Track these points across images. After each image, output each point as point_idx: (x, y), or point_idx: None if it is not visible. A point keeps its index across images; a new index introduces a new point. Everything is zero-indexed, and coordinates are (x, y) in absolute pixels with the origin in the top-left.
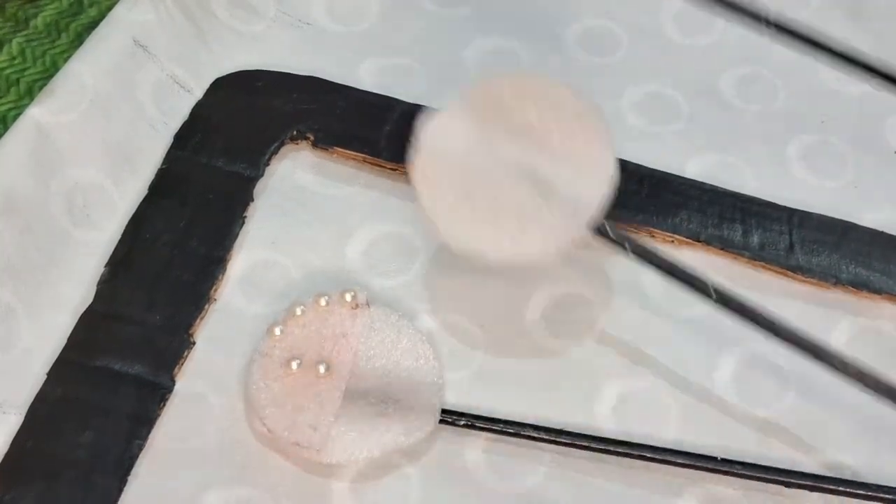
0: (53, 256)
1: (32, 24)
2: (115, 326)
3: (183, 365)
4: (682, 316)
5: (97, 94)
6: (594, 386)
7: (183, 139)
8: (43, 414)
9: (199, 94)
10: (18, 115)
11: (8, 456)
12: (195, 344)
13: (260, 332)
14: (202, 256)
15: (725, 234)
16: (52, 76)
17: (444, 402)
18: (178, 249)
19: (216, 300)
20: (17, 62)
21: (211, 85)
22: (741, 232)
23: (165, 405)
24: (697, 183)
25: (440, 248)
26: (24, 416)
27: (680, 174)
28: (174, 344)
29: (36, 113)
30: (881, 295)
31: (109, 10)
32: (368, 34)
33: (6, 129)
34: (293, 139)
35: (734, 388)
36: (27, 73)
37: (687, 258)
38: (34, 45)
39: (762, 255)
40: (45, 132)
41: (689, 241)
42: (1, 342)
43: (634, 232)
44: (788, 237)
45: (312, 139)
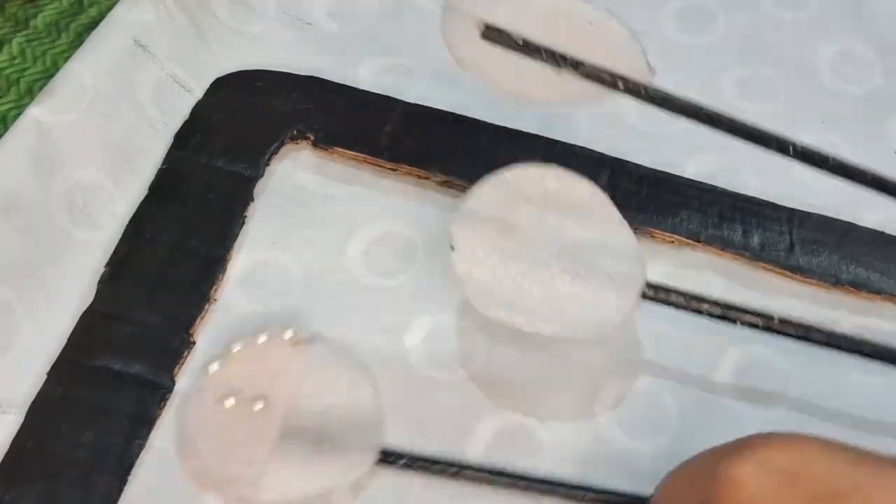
0: (53, 256)
1: (33, 23)
2: (115, 326)
3: (183, 365)
4: (681, 316)
5: (97, 93)
6: (594, 386)
7: (183, 139)
8: (43, 414)
9: (199, 93)
10: (19, 114)
11: (8, 456)
12: (195, 344)
13: (260, 332)
14: (202, 256)
15: (725, 234)
16: (52, 76)
17: (383, 442)
18: (178, 249)
19: (216, 300)
20: (17, 62)
21: (211, 85)
22: (741, 232)
23: (165, 405)
24: (697, 183)
25: (440, 248)
26: (24, 416)
27: (680, 174)
28: (174, 344)
29: (36, 113)
30: (881, 295)
31: (109, 9)
32: (368, 34)
33: (6, 128)
34: (293, 139)
35: (734, 388)
36: (27, 72)
37: (687, 258)
38: (34, 44)
39: (762, 255)
40: (45, 132)
41: (689, 241)
42: (1, 342)
43: (634, 232)
44: (789, 237)
45: (312, 139)
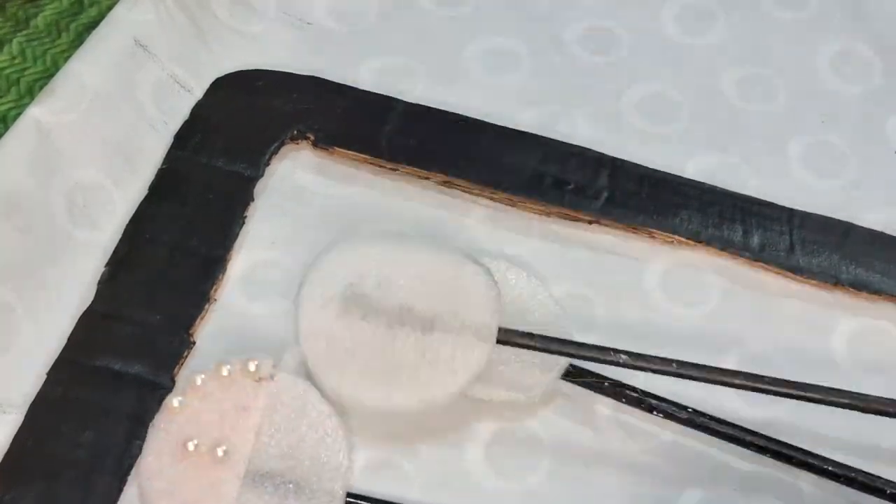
0: (53, 256)
1: (33, 23)
2: (115, 326)
3: (183, 365)
4: (682, 316)
5: (97, 93)
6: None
7: (183, 139)
8: (43, 414)
9: (199, 93)
10: (19, 114)
11: (8, 456)
12: (195, 344)
13: (260, 332)
14: (202, 256)
15: (725, 234)
16: (52, 76)
17: (350, 485)
18: (178, 249)
19: (216, 300)
20: (17, 62)
21: (211, 85)
22: (741, 232)
23: (160, 408)
24: (697, 183)
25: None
26: (24, 416)
27: (680, 174)
28: (174, 344)
29: (36, 113)
30: (881, 296)
31: (110, 9)
32: (368, 34)
33: (6, 128)
34: (293, 139)
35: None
36: (27, 72)
37: (687, 258)
38: (34, 44)
39: (762, 255)
40: (45, 132)
41: (689, 241)
42: (1, 342)
43: (634, 232)
44: (789, 237)
45: (313, 139)
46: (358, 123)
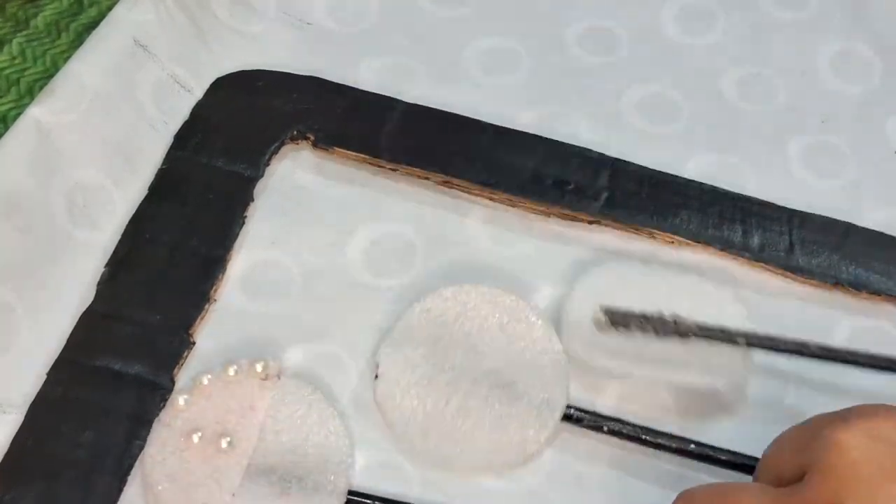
0: (53, 256)
1: (33, 23)
2: (115, 326)
3: (183, 365)
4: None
5: (97, 93)
6: (597, 385)
7: (183, 139)
8: (43, 414)
9: (199, 93)
10: (19, 114)
11: (8, 456)
12: (195, 344)
13: (260, 331)
14: (202, 256)
15: (726, 234)
16: (52, 76)
17: (351, 483)
18: (178, 249)
19: (216, 300)
20: (17, 62)
21: (211, 85)
22: (741, 232)
23: (165, 405)
24: (697, 183)
25: (440, 248)
26: (24, 416)
27: (680, 174)
28: (174, 344)
29: (36, 113)
30: (881, 296)
31: (110, 9)
32: (368, 34)
33: (7, 128)
34: (293, 139)
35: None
36: (27, 72)
37: (687, 259)
38: (34, 44)
39: (762, 255)
40: (45, 132)
41: (689, 241)
42: (1, 342)
43: (635, 233)
44: (788, 238)
45: (312, 139)
46: (358, 123)
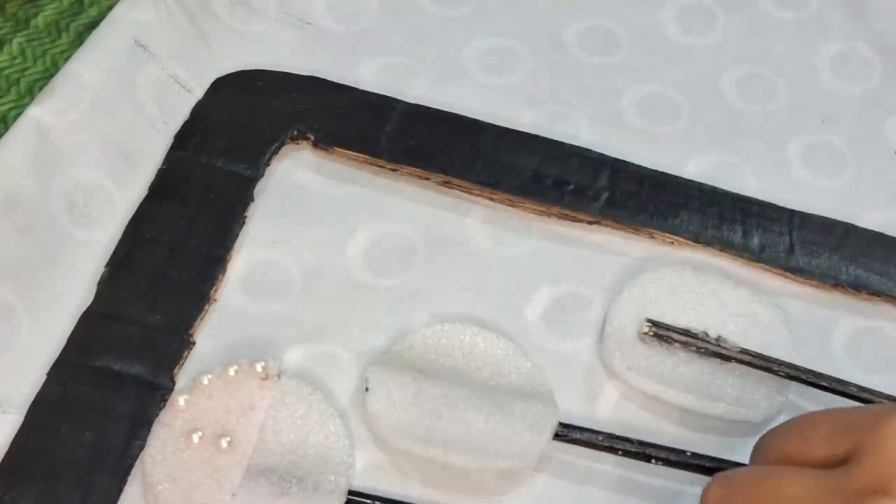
0: (53, 256)
1: (33, 23)
2: (115, 326)
3: (183, 365)
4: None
5: (97, 93)
6: (595, 385)
7: (183, 139)
8: (43, 414)
9: (199, 93)
10: (19, 114)
11: (8, 456)
12: (195, 344)
13: (260, 332)
14: (202, 256)
15: (726, 235)
16: (52, 76)
17: (352, 482)
18: (178, 249)
19: (216, 300)
20: (17, 62)
21: (211, 85)
22: (741, 233)
23: (165, 405)
24: (697, 184)
25: (440, 248)
26: (24, 416)
27: (680, 175)
28: (174, 344)
29: (36, 113)
30: (881, 296)
31: (110, 9)
32: (368, 34)
33: (7, 128)
34: (293, 139)
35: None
36: (28, 72)
37: (687, 259)
38: (35, 44)
39: (762, 256)
40: (45, 132)
41: (689, 242)
42: (1, 342)
43: (635, 233)
44: (788, 238)
45: (313, 139)
46: (358, 123)
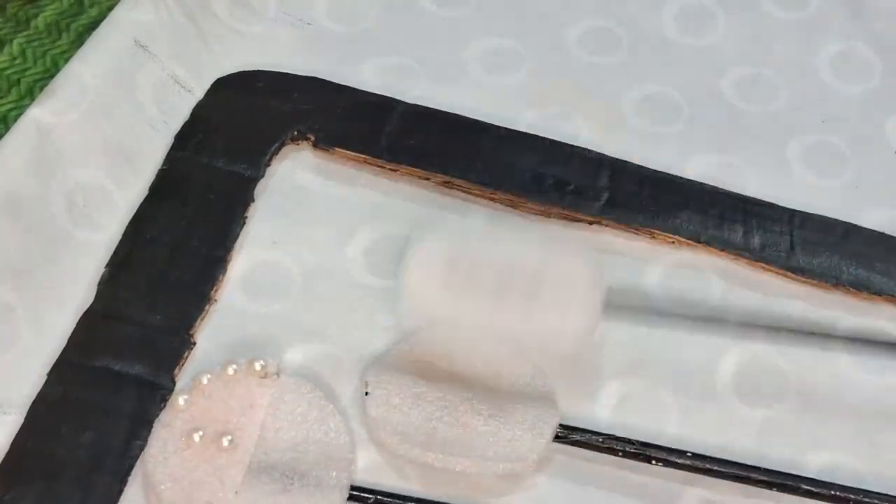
0: (54, 256)
1: (33, 24)
2: (115, 327)
3: (183, 365)
4: (682, 316)
5: (98, 94)
6: (595, 386)
7: (183, 139)
8: (43, 414)
9: (199, 94)
10: (19, 115)
11: (8, 456)
12: (195, 344)
13: (260, 332)
14: (203, 257)
15: (726, 235)
16: (52, 76)
17: (354, 478)
18: (178, 250)
19: (217, 300)
20: (17, 62)
21: (212, 85)
22: (742, 233)
23: (165, 406)
24: (698, 184)
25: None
26: (24, 416)
27: (680, 175)
28: (174, 344)
29: (37, 113)
30: (881, 296)
31: (110, 10)
32: (368, 34)
33: (7, 129)
34: (294, 139)
35: (734, 388)
36: (28, 73)
37: (688, 259)
38: (35, 45)
39: (763, 255)
40: (45, 132)
41: (689, 242)
42: (1, 342)
43: (635, 233)
44: (789, 238)
45: (313, 139)
46: (358, 124)
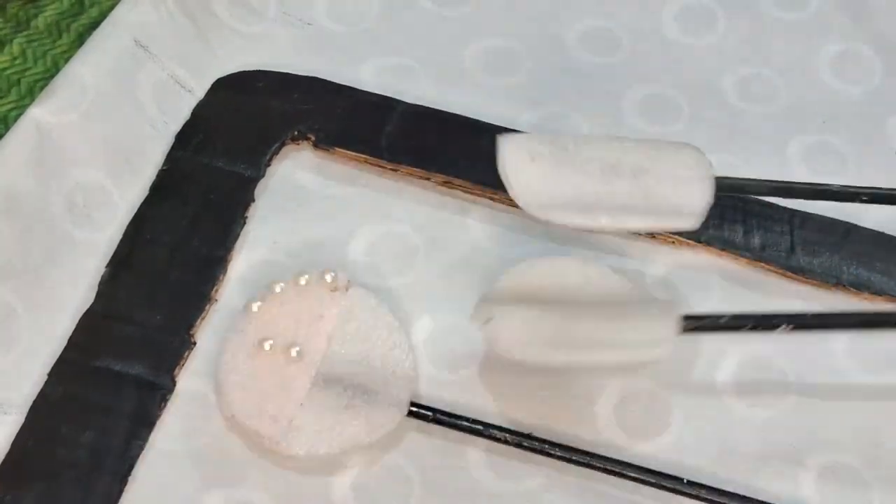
0: (54, 256)
1: (33, 24)
2: (115, 327)
3: (184, 365)
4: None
5: (98, 94)
6: (595, 385)
7: (184, 139)
8: (43, 414)
9: (199, 94)
10: (19, 115)
11: (8, 456)
12: (196, 344)
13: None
14: (203, 257)
15: (726, 234)
16: (53, 76)
17: (415, 394)
18: (178, 250)
19: (217, 300)
20: (18, 62)
21: (212, 85)
22: (742, 233)
23: (166, 405)
24: None
25: (440, 248)
26: (24, 416)
27: None
28: (175, 344)
29: (37, 113)
30: (882, 296)
31: (110, 10)
32: (368, 34)
33: (7, 129)
34: (294, 139)
35: (734, 388)
36: (28, 73)
37: (688, 259)
38: (35, 45)
39: (763, 255)
40: (45, 132)
41: (689, 241)
42: (1, 342)
43: (636, 233)
44: (789, 238)
45: (313, 139)
46: (358, 124)
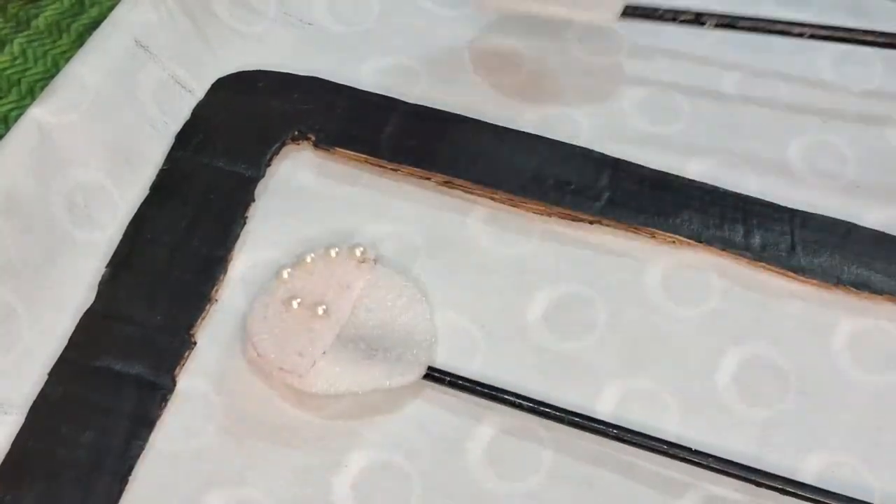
0: (54, 256)
1: (34, 24)
2: (115, 327)
3: (184, 365)
4: (682, 316)
5: (98, 94)
6: (595, 386)
7: (184, 139)
8: (43, 414)
9: (200, 94)
10: (20, 115)
11: (8, 456)
12: (196, 344)
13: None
14: (203, 257)
15: (727, 234)
16: (53, 76)
17: (432, 360)
18: (179, 250)
19: (217, 300)
20: (18, 62)
21: (212, 85)
22: (742, 232)
23: (166, 405)
24: (698, 183)
25: (440, 248)
26: (24, 416)
27: (681, 174)
28: (175, 344)
29: (37, 113)
30: (882, 295)
31: (111, 10)
32: (369, 34)
33: (7, 129)
34: (294, 139)
35: (734, 388)
36: (28, 73)
37: (688, 259)
38: (35, 45)
39: (764, 255)
40: (46, 132)
41: (690, 241)
42: (1, 342)
43: (636, 233)
44: (790, 238)
45: (313, 139)
46: (359, 124)
